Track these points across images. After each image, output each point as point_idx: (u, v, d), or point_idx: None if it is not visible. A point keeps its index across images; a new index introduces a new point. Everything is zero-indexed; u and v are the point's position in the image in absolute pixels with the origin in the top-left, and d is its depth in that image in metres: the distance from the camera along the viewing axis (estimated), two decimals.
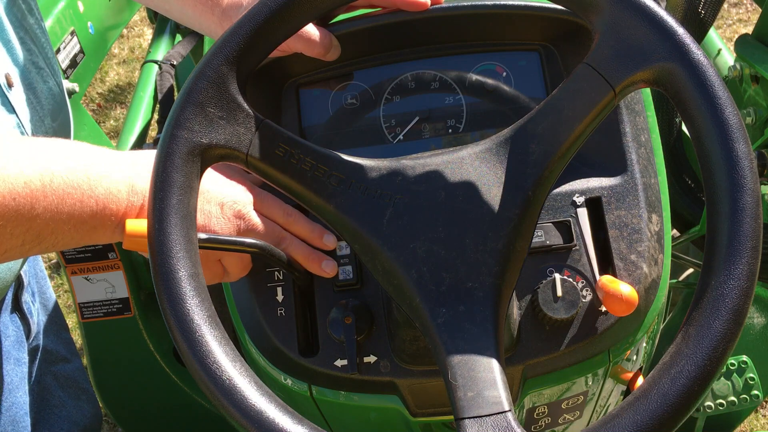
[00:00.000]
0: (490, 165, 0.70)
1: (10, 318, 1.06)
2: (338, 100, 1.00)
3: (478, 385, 0.62)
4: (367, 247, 0.70)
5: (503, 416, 0.60)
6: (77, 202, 0.73)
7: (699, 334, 0.59)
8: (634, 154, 0.91)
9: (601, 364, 0.88)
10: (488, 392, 0.61)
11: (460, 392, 0.62)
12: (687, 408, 0.58)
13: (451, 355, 0.64)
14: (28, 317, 1.10)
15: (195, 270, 0.65)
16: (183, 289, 0.63)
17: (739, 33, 1.79)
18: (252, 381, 0.61)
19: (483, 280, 0.67)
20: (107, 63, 3.32)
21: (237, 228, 0.83)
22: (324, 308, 0.87)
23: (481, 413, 0.60)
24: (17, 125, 0.92)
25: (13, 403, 1.05)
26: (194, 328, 0.62)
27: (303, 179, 0.70)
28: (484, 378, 0.62)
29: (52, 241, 0.74)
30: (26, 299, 1.10)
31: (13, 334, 1.05)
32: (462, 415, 0.61)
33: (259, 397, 0.61)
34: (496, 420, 0.60)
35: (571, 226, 0.87)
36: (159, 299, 0.64)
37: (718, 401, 1.55)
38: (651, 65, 0.66)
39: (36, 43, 0.99)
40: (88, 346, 1.57)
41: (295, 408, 0.62)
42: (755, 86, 1.39)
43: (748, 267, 0.60)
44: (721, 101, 0.63)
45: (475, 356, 0.63)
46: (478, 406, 0.61)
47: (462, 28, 0.98)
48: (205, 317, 0.63)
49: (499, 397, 0.61)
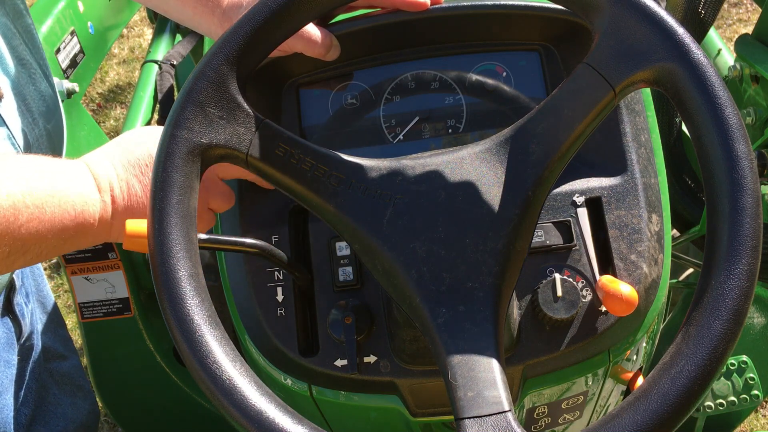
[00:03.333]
0: (490, 165, 0.70)
1: (1, 321, 1.05)
2: (338, 100, 1.00)
3: (478, 385, 0.62)
4: (367, 247, 0.70)
5: (503, 416, 0.60)
6: (57, 207, 0.75)
7: (699, 334, 0.59)
8: (634, 154, 0.91)
9: (601, 364, 0.88)
10: (488, 392, 0.61)
11: (460, 392, 0.62)
12: (687, 408, 0.58)
13: (451, 355, 0.64)
14: (20, 319, 1.10)
15: (195, 270, 0.65)
16: (183, 289, 0.63)
17: (739, 33, 1.79)
18: (252, 381, 0.61)
19: (483, 280, 0.67)
20: (107, 63, 3.32)
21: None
22: (324, 308, 0.87)
23: (481, 413, 0.60)
24: (8, 137, 0.92)
25: (4, 405, 1.05)
26: (194, 328, 0.62)
27: (303, 179, 0.70)
28: (484, 378, 0.62)
29: (37, 251, 0.76)
30: (18, 301, 1.10)
31: (3, 336, 1.05)
32: (462, 415, 0.61)
33: (260, 397, 0.61)
34: (497, 420, 0.60)
35: (571, 226, 0.87)
36: (159, 299, 0.64)
37: (718, 401, 1.55)
38: (651, 65, 0.66)
39: (30, 44, 0.99)
40: (88, 346, 1.57)
41: (295, 408, 0.62)
42: (755, 86, 1.39)
43: (748, 267, 0.60)
44: (721, 101, 0.63)
45: (475, 356, 0.63)
46: (478, 406, 0.61)
47: (462, 28, 0.98)
48: (205, 317, 0.63)
49: (499, 397, 0.61)
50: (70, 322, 2.44)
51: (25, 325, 1.12)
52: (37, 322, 1.19)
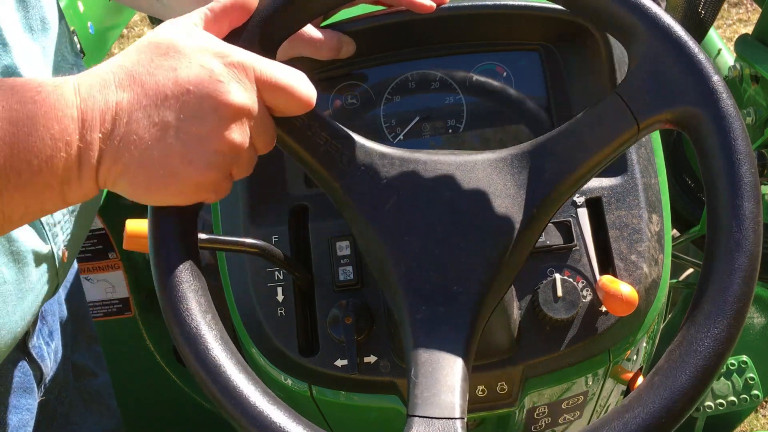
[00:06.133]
0: (502, 175, 0.70)
1: (17, 365, 0.97)
2: (338, 99, 1.00)
3: (436, 386, 0.62)
4: (364, 231, 0.70)
5: (452, 422, 0.60)
6: (10, 151, 0.56)
7: (706, 323, 0.59)
8: (634, 154, 0.91)
9: (601, 364, 0.88)
10: (444, 396, 0.61)
11: (418, 389, 0.62)
12: (694, 400, 0.59)
13: (419, 352, 0.64)
14: (38, 361, 1.00)
15: (196, 270, 0.65)
16: (184, 289, 0.63)
17: (739, 33, 1.79)
18: (252, 381, 0.61)
19: (469, 287, 0.67)
20: None
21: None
22: (324, 308, 0.87)
23: (432, 414, 0.60)
24: None
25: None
26: (195, 328, 0.62)
27: (315, 152, 0.70)
28: (444, 382, 0.62)
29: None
30: (35, 344, 1.00)
31: (18, 381, 0.97)
32: (413, 412, 0.61)
33: (260, 398, 0.61)
34: (445, 425, 0.60)
35: (571, 226, 0.87)
36: (160, 299, 0.64)
37: (718, 401, 1.55)
38: (679, 107, 0.65)
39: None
40: None
41: (295, 408, 0.62)
42: (755, 86, 1.40)
43: (750, 254, 0.61)
44: (741, 156, 0.63)
45: (442, 359, 0.64)
46: (432, 406, 0.61)
47: (462, 28, 0.98)
48: (206, 317, 0.63)
49: (453, 404, 0.61)
50: None
51: (46, 367, 1.03)
52: (69, 340, 1.12)
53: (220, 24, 0.66)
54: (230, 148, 0.62)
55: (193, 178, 0.61)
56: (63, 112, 0.57)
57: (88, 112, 0.58)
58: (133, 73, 0.60)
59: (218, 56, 0.61)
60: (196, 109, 0.60)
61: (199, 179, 0.61)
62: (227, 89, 0.60)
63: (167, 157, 0.60)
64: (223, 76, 0.61)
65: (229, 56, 0.62)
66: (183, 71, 0.60)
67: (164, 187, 0.61)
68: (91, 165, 0.59)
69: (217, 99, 0.60)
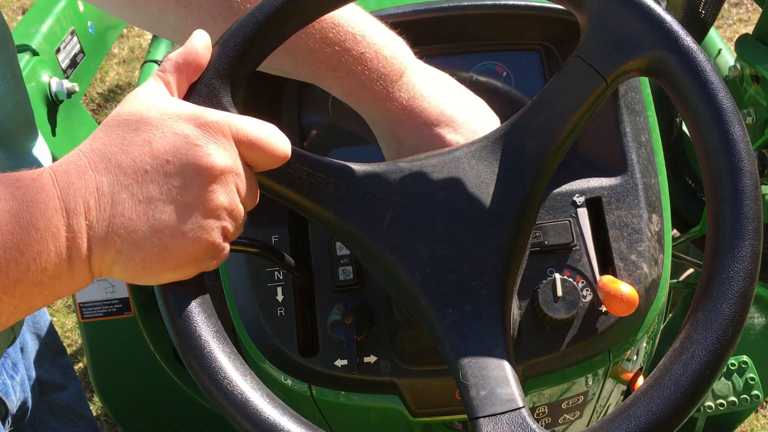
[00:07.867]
0: (487, 163, 0.70)
1: None
2: (338, 99, 1.00)
3: (490, 383, 0.62)
4: (369, 252, 0.70)
5: (518, 413, 0.60)
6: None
7: (708, 319, 0.59)
8: (634, 154, 0.91)
9: (601, 364, 0.88)
10: (501, 390, 0.61)
11: (472, 391, 0.61)
12: (700, 393, 0.58)
13: (460, 355, 0.64)
14: (2, 398, 0.97)
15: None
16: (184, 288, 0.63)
17: (740, 33, 1.79)
18: (252, 380, 0.62)
19: (487, 278, 0.67)
20: (107, 63, 3.32)
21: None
22: (324, 308, 0.87)
23: (496, 411, 0.60)
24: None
25: None
26: (194, 328, 0.62)
27: (301, 188, 0.69)
28: (495, 376, 0.62)
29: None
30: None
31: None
32: (476, 414, 0.60)
33: (260, 398, 0.61)
34: (511, 417, 0.60)
35: (571, 226, 0.87)
36: (159, 300, 0.64)
37: (719, 401, 1.55)
38: (642, 54, 0.66)
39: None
40: (88, 346, 1.57)
41: (295, 408, 0.62)
42: (755, 86, 1.40)
43: (751, 248, 0.60)
44: (713, 85, 0.63)
45: (484, 354, 0.63)
46: (492, 404, 0.60)
47: (462, 28, 0.98)
48: (206, 317, 0.63)
49: (513, 394, 0.61)
50: (70, 321, 2.45)
51: (11, 402, 0.99)
52: (32, 361, 1.10)
53: (178, 83, 0.65)
54: (220, 211, 0.61)
55: (188, 249, 0.60)
56: (45, 204, 0.56)
57: (70, 201, 0.56)
58: (107, 154, 0.58)
59: (190, 120, 0.60)
60: (179, 177, 0.58)
61: (194, 249, 0.60)
62: (206, 152, 0.59)
63: (158, 232, 0.58)
64: (200, 140, 0.59)
65: (201, 117, 0.60)
66: (158, 142, 0.58)
67: (160, 264, 0.59)
68: (81, 254, 0.57)
69: (197, 164, 0.59)
